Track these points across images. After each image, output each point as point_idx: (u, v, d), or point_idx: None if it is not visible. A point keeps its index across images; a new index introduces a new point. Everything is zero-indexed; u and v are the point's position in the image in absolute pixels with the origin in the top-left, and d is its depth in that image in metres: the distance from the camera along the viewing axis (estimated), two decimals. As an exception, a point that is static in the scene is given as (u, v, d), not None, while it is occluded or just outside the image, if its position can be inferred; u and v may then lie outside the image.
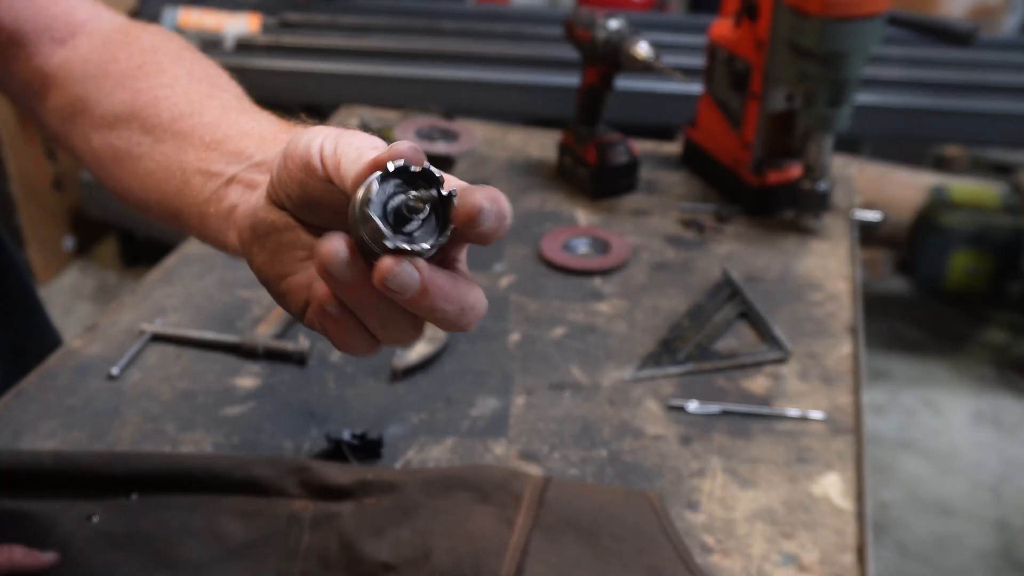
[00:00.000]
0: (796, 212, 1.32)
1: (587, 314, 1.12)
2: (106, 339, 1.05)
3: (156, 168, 0.66)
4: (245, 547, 0.76)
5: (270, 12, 2.71)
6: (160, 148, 0.66)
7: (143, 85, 0.68)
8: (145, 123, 0.67)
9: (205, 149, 0.64)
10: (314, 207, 0.53)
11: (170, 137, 0.66)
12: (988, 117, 2.29)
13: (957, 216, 3.00)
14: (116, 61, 0.71)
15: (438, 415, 0.96)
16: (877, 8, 1.17)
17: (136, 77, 0.69)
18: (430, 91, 2.28)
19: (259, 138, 0.62)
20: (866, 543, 0.81)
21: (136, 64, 0.70)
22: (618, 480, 0.87)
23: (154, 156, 0.67)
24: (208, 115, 0.66)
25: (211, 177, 0.62)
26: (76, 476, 0.81)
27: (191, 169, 0.64)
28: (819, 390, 1.00)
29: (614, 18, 1.32)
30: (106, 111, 0.69)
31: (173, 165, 0.65)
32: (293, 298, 0.56)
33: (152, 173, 0.66)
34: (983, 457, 2.50)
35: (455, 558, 0.72)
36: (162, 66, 0.70)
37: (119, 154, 0.68)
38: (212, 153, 0.63)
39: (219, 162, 0.62)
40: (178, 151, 0.65)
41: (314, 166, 0.51)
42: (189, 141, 0.65)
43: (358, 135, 0.52)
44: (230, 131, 0.64)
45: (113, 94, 0.69)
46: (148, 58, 0.71)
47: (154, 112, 0.67)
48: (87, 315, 2.90)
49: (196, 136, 0.65)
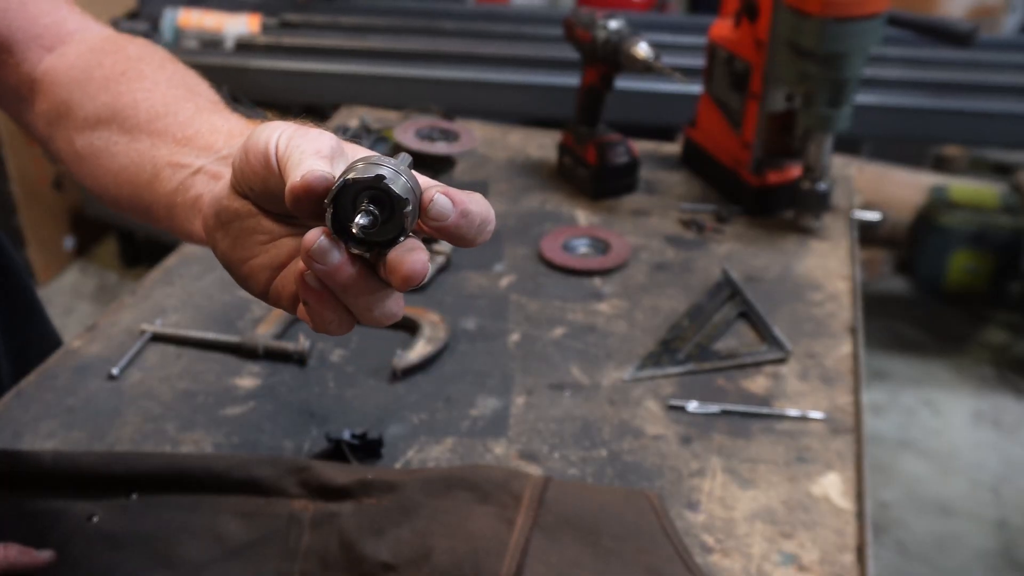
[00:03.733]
0: (796, 212, 1.32)
1: (587, 314, 1.12)
2: (106, 339, 1.05)
3: (129, 164, 0.69)
4: (245, 547, 0.76)
5: (270, 12, 2.71)
6: (135, 146, 0.69)
7: (124, 88, 0.71)
8: (124, 124, 0.70)
9: (176, 144, 0.67)
10: (274, 198, 0.56)
11: (145, 136, 0.69)
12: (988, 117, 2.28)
13: (957, 216, 3.00)
14: (101, 67, 0.73)
15: (438, 415, 0.96)
16: (877, 8, 1.17)
17: (119, 81, 0.72)
18: (430, 91, 2.28)
19: (227, 134, 0.66)
20: (866, 543, 0.81)
21: (120, 70, 0.73)
22: (618, 480, 0.87)
23: (128, 153, 0.69)
24: (182, 115, 0.69)
25: (179, 168, 0.65)
26: (76, 476, 0.81)
27: (162, 163, 0.67)
28: (819, 390, 1.00)
29: (614, 18, 1.32)
30: (89, 113, 0.72)
31: (145, 160, 0.68)
32: (255, 279, 0.60)
33: (125, 168, 0.69)
34: (983, 457, 2.50)
35: (455, 558, 0.72)
36: (144, 73, 0.73)
37: (97, 152, 0.71)
38: (183, 148, 0.66)
39: (188, 155, 0.65)
40: (151, 148, 0.68)
41: (270, 161, 0.54)
42: (162, 138, 0.68)
43: (310, 133, 0.55)
44: (201, 128, 0.67)
45: (96, 97, 0.72)
46: (132, 65, 0.73)
47: (132, 113, 0.70)
48: (87, 315, 2.90)
49: (169, 133, 0.67)
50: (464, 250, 1.18)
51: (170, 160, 0.66)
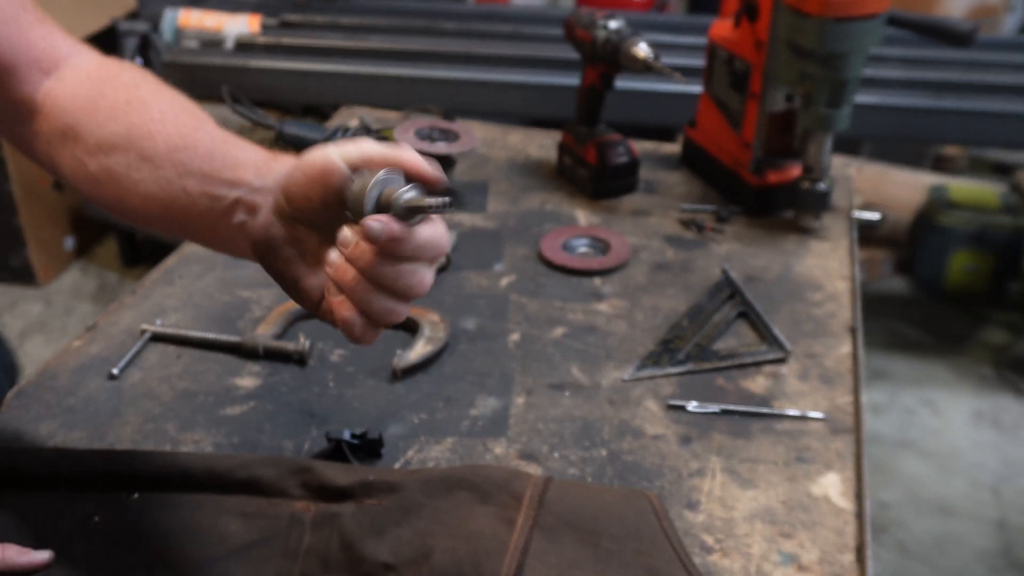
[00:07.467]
0: (796, 212, 1.33)
1: (587, 314, 1.12)
2: (106, 339, 1.06)
3: (158, 191, 0.75)
4: (246, 547, 0.76)
5: (270, 12, 2.71)
6: (160, 174, 0.75)
7: (135, 119, 0.77)
8: (142, 152, 0.76)
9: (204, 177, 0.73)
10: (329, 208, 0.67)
11: (169, 166, 0.75)
12: (988, 117, 2.28)
13: (957, 216, 3.00)
14: (104, 96, 0.79)
15: (438, 415, 0.96)
16: (877, 8, 1.17)
17: (127, 112, 0.78)
18: (430, 91, 2.28)
19: (254, 167, 0.73)
20: (865, 543, 0.81)
21: (123, 100, 0.79)
22: (618, 480, 0.87)
23: (155, 180, 0.75)
24: (201, 148, 0.75)
25: (216, 199, 0.72)
26: (78, 474, 0.81)
27: (195, 193, 0.73)
28: (818, 390, 1.00)
29: (614, 18, 1.32)
30: (101, 139, 0.77)
31: (175, 189, 0.75)
32: (307, 296, 0.70)
33: (154, 195, 0.75)
34: (983, 457, 2.50)
35: (455, 558, 0.72)
36: (147, 102, 0.79)
37: (116, 177, 0.76)
38: (213, 181, 0.73)
39: (221, 188, 0.72)
40: (179, 178, 0.74)
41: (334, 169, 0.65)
42: (188, 171, 0.74)
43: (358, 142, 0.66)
44: (225, 162, 0.74)
45: (105, 125, 0.77)
46: (132, 94, 0.79)
47: (150, 144, 0.76)
48: (87, 315, 2.89)
49: (194, 167, 0.74)
50: (464, 250, 1.18)
51: (203, 191, 0.73)
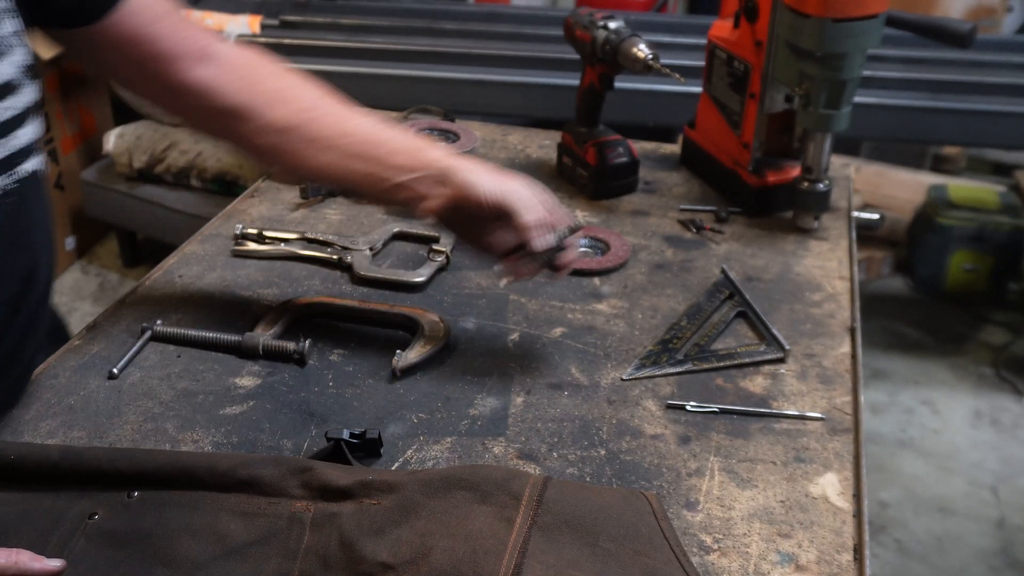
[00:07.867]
0: (795, 212, 1.33)
1: (586, 314, 1.13)
2: (106, 338, 1.06)
3: (325, 166, 0.98)
4: (245, 547, 0.76)
5: (270, 12, 2.71)
6: (326, 155, 0.97)
7: (292, 108, 0.98)
8: (305, 135, 0.97)
9: (367, 161, 0.96)
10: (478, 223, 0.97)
11: (330, 149, 0.97)
12: (986, 117, 2.28)
13: (956, 216, 3.01)
14: (262, 82, 0.99)
15: (437, 415, 0.96)
16: (876, 8, 1.18)
17: (285, 100, 0.98)
18: (430, 91, 2.28)
19: (408, 154, 0.96)
20: (864, 542, 0.81)
21: (272, 88, 0.99)
22: (616, 479, 0.88)
23: (321, 159, 0.97)
24: (357, 135, 0.97)
25: (380, 180, 0.96)
26: (80, 471, 0.81)
27: (361, 173, 0.96)
28: (817, 390, 1.00)
29: (613, 18, 1.32)
30: (267, 122, 0.97)
31: (341, 169, 0.97)
32: (484, 251, 1.00)
33: (323, 169, 0.98)
34: (982, 457, 2.51)
35: (454, 558, 0.72)
36: (295, 90, 1.00)
37: (284, 153, 0.98)
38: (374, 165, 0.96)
39: (385, 172, 0.96)
40: (342, 160, 0.97)
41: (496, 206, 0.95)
42: (349, 156, 0.97)
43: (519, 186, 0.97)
44: (381, 150, 0.96)
45: (271, 110, 0.97)
46: (279, 83, 1.00)
47: (310, 130, 0.97)
48: (87, 315, 2.90)
49: (354, 153, 0.97)
50: (464, 250, 1.18)
51: (367, 172, 0.96)
